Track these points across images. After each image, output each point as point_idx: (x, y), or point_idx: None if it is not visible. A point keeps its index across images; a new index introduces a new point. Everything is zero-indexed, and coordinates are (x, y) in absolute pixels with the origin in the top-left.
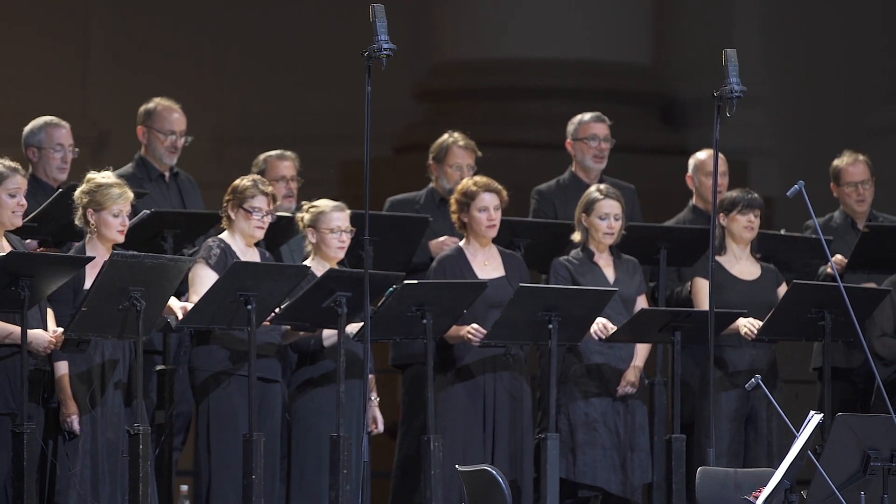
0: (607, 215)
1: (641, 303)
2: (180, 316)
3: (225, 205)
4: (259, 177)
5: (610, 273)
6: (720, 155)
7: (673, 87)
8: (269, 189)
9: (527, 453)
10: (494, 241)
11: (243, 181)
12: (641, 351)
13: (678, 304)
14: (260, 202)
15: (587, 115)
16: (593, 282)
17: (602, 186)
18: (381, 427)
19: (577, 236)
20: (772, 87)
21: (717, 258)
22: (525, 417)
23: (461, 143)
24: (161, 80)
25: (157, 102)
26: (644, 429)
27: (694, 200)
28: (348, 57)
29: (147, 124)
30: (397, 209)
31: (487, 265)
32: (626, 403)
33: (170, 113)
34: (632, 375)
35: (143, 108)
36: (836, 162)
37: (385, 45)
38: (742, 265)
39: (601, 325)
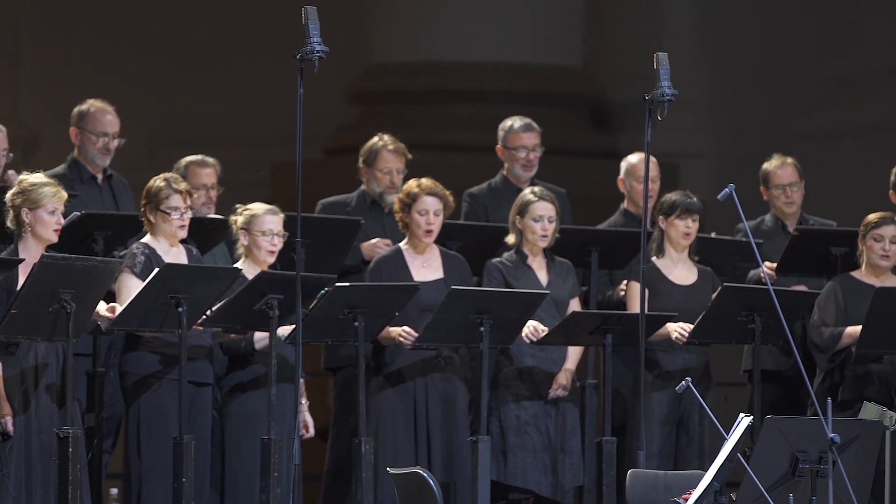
0: (541, 217)
1: (574, 306)
2: (112, 316)
3: (143, 209)
4: (172, 174)
5: (543, 276)
6: (651, 158)
7: (604, 91)
8: (183, 186)
9: (462, 455)
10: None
11: (156, 182)
12: (573, 354)
13: (610, 307)
14: (176, 201)
15: (517, 123)
16: (526, 284)
17: (536, 189)
18: (311, 431)
19: (511, 238)
20: (703, 90)
21: (655, 261)
22: (459, 419)
23: (390, 146)
24: (93, 81)
25: (90, 104)
26: (575, 431)
27: (625, 204)
28: (281, 59)
29: (80, 125)
30: (328, 211)
31: (425, 267)
32: (558, 406)
33: (103, 115)
34: (563, 378)
35: (76, 110)
36: (766, 165)
37: (317, 48)
38: (679, 270)
39: (532, 328)
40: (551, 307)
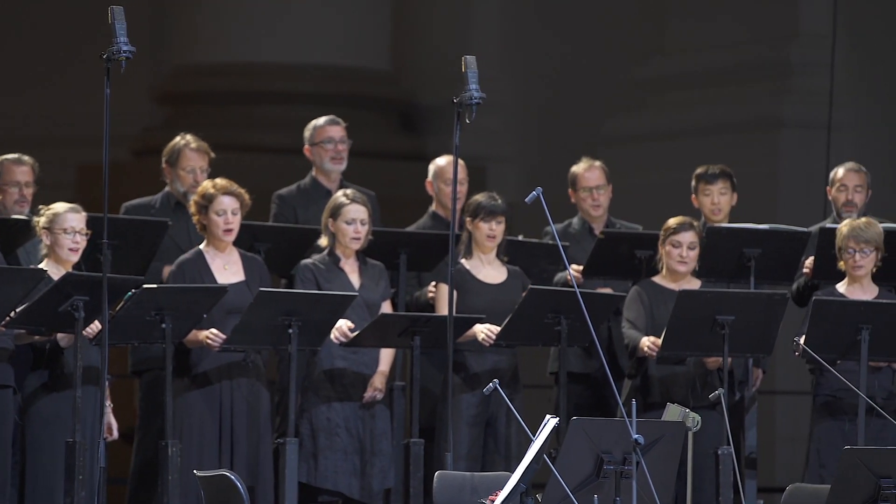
0: (354, 220)
1: (387, 308)
2: None
3: None
4: None
5: (355, 279)
6: (459, 161)
7: (413, 93)
8: None
9: (265, 459)
10: (236, 244)
11: None
12: (386, 356)
13: (417, 309)
14: None
15: (321, 119)
16: (339, 286)
17: (349, 191)
18: (115, 433)
19: (323, 241)
20: (511, 94)
21: (464, 262)
22: (263, 423)
23: (193, 145)
24: None
25: None
26: (386, 434)
27: (433, 206)
28: (87, 58)
29: None
30: (133, 214)
31: (227, 269)
32: (369, 408)
33: None
34: (378, 381)
35: None
36: (574, 168)
37: (124, 48)
38: (487, 270)
39: (341, 330)
40: (363, 309)
